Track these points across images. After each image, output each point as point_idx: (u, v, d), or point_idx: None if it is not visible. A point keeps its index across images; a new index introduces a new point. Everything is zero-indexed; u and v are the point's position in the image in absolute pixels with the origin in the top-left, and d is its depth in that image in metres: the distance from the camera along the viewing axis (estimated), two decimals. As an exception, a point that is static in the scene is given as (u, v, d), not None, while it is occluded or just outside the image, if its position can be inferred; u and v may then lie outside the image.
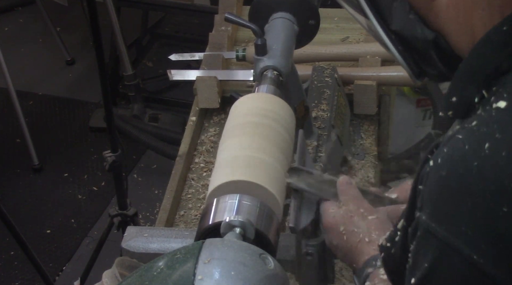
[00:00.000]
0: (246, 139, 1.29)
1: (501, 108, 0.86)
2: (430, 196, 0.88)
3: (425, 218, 0.88)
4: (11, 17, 4.68)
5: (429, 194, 0.88)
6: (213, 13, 2.39)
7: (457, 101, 0.94)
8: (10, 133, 3.85)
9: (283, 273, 1.04)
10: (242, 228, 1.10)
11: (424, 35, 0.99)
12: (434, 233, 0.86)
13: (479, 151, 0.84)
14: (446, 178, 0.86)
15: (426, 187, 0.89)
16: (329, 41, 2.22)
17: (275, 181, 1.25)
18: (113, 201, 3.24)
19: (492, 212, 0.82)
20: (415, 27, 1.00)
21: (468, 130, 0.87)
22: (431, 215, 0.87)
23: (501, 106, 0.86)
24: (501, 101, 0.87)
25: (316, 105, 1.87)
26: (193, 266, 0.97)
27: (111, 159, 2.60)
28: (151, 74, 4.08)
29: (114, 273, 1.37)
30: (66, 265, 3.25)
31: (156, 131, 3.62)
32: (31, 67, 4.28)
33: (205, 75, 2.06)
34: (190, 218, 1.85)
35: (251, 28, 1.51)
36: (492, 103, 0.88)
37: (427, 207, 0.88)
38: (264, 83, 1.46)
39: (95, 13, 2.30)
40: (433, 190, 0.87)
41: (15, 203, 3.50)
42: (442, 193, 0.86)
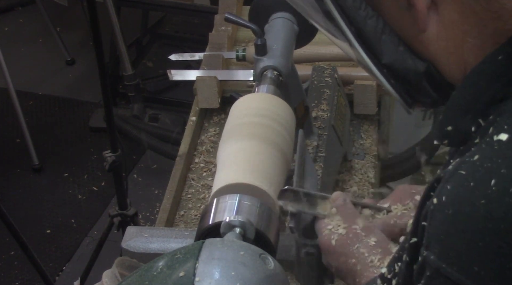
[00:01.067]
0: (246, 140, 1.29)
1: (503, 141, 0.84)
2: (437, 236, 0.86)
3: (433, 258, 0.86)
4: (11, 17, 4.68)
5: (436, 233, 0.86)
6: (213, 13, 2.39)
7: (453, 130, 0.92)
8: (10, 133, 3.85)
9: (283, 273, 1.04)
10: (242, 228, 1.10)
11: (416, 67, 0.98)
12: (445, 274, 0.84)
13: (485, 188, 0.82)
14: (453, 217, 0.84)
15: (432, 226, 0.87)
16: (329, 41, 2.21)
17: (274, 182, 1.25)
18: (113, 201, 3.24)
19: (503, 251, 0.81)
20: (406, 59, 0.99)
21: (471, 165, 0.85)
22: (440, 255, 0.85)
23: (502, 139, 0.84)
24: (502, 133, 0.85)
25: (316, 105, 1.87)
26: (193, 266, 0.97)
27: (111, 159, 2.60)
28: (151, 74, 4.08)
29: (114, 273, 1.37)
30: (66, 265, 3.25)
31: (156, 131, 3.62)
32: (31, 67, 4.28)
33: (205, 75, 2.06)
34: (190, 218, 1.85)
35: (251, 28, 1.51)
36: (492, 135, 0.86)
37: (435, 246, 0.86)
38: (264, 83, 1.46)
39: (95, 13, 2.30)
40: (440, 230, 0.85)
41: (15, 203, 3.50)
42: (451, 232, 0.84)
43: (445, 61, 0.96)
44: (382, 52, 1.00)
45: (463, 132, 0.91)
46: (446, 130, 0.93)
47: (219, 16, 2.31)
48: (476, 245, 0.82)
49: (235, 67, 2.18)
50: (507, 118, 0.86)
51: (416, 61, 0.98)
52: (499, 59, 0.89)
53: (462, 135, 0.92)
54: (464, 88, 0.92)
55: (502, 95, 0.88)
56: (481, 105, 0.90)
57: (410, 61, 0.98)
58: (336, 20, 1.00)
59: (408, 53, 0.99)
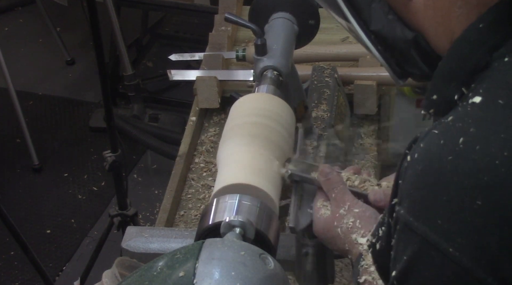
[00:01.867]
0: (246, 140, 1.29)
1: (476, 103, 0.88)
2: (407, 191, 0.89)
3: (403, 212, 0.89)
4: (11, 17, 4.68)
5: (406, 188, 0.89)
6: (213, 13, 2.39)
7: (438, 99, 0.95)
8: (10, 133, 3.85)
9: (283, 273, 1.04)
10: (242, 228, 1.10)
11: (404, 35, 1.00)
12: (412, 228, 0.87)
13: (454, 145, 0.85)
14: (422, 172, 0.87)
15: (404, 182, 0.90)
16: (329, 41, 2.22)
17: (274, 183, 1.25)
18: (113, 201, 3.24)
19: (467, 205, 0.83)
20: (394, 27, 1.01)
21: (444, 125, 0.88)
22: (409, 209, 0.88)
23: (476, 101, 0.88)
24: (477, 96, 0.88)
25: (316, 105, 1.87)
26: (193, 266, 0.97)
27: (111, 159, 2.60)
28: (151, 74, 4.08)
29: (114, 273, 1.37)
30: (66, 265, 3.25)
31: (156, 131, 3.62)
32: (31, 67, 4.28)
33: (205, 75, 2.06)
34: (190, 218, 1.85)
35: (251, 28, 1.51)
36: (468, 99, 0.89)
37: (405, 201, 0.89)
38: (264, 83, 1.46)
39: (95, 13, 2.30)
40: (410, 185, 0.89)
41: (15, 203, 3.50)
42: (419, 187, 0.87)
43: (433, 31, 0.98)
44: (371, 18, 1.02)
45: (447, 100, 0.94)
46: (432, 99, 0.96)
47: (219, 16, 2.31)
48: (441, 199, 0.85)
49: (235, 67, 2.18)
50: (484, 84, 0.90)
51: (404, 30, 1.01)
52: (480, 27, 0.92)
53: (446, 103, 0.94)
54: (449, 57, 0.95)
55: (485, 63, 0.91)
56: (465, 74, 0.93)
57: (398, 29, 1.01)
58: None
59: (397, 21, 1.01)
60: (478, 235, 0.83)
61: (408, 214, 0.88)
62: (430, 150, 0.87)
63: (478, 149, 0.84)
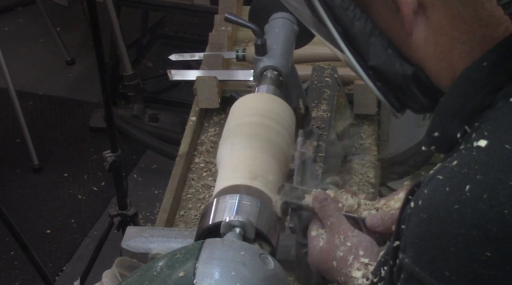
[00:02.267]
0: (246, 140, 1.29)
1: (482, 148, 0.84)
2: (412, 239, 0.86)
3: (408, 261, 0.86)
4: (11, 17, 4.68)
5: (411, 236, 0.86)
6: (213, 13, 2.39)
7: (440, 136, 0.93)
8: (10, 133, 3.85)
9: (283, 273, 1.04)
10: (242, 228, 1.10)
11: (404, 70, 0.98)
12: (418, 278, 0.85)
13: (460, 193, 0.82)
14: (427, 221, 0.84)
15: (408, 229, 0.87)
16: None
17: (274, 183, 1.25)
18: (113, 201, 3.24)
19: (475, 257, 0.80)
20: (393, 62, 0.98)
21: (449, 170, 0.85)
22: (414, 259, 0.86)
23: (481, 145, 0.84)
24: (482, 140, 0.85)
25: (316, 105, 1.87)
26: (193, 266, 0.97)
27: (111, 159, 2.60)
28: (151, 74, 4.08)
29: (114, 273, 1.37)
30: (66, 265, 3.25)
31: (156, 131, 3.62)
32: (31, 67, 4.28)
33: (205, 75, 2.06)
34: (190, 218, 1.85)
35: (251, 28, 1.51)
36: (472, 142, 0.86)
37: (409, 250, 0.87)
38: (264, 83, 1.46)
39: (95, 13, 2.30)
40: (415, 233, 0.86)
41: (15, 203, 3.50)
42: (424, 237, 0.84)
43: (434, 66, 0.96)
44: (369, 54, 0.99)
45: (449, 138, 0.92)
46: (433, 136, 0.94)
47: (219, 16, 2.31)
48: (448, 250, 0.82)
49: (235, 67, 2.18)
50: (488, 125, 0.87)
51: (404, 65, 0.98)
52: (484, 66, 0.89)
53: (448, 141, 0.92)
54: (451, 94, 0.92)
55: (488, 102, 0.89)
56: (468, 112, 0.90)
57: (398, 65, 0.98)
58: (322, 19, 1.00)
59: (396, 56, 0.98)
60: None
61: (414, 263, 0.85)
62: (435, 197, 0.84)
63: (486, 198, 0.80)
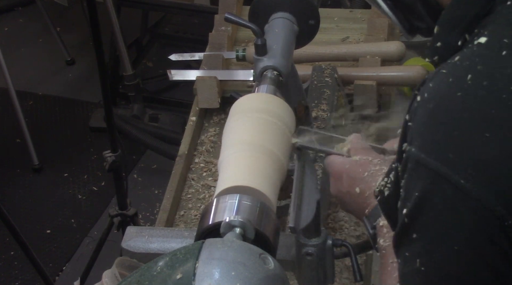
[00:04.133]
0: (246, 140, 1.29)
1: (482, 43, 0.92)
2: (419, 129, 0.92)
3: (414, 150, 0.92)
4: (11, 17, 4.68)
5: (418, 127, 0.93)
6: (213, 13, 2.39)
7: (442, 46, 0.99)
8: (10, 133, 3.85)
9: (283, 273, 1.04)
10: (242, 228, 1.10)
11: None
12: (424, 163, 0.91)
13: (462, 82, 0.89)
14: (433, 110, 0.91)
15: (415, 121, 0.94)
16: (329, 41, 2.22)
17: (274, 183, 1.25)
18: (113, 201, 3.24)
19: (476, 138, 0.87)
20: None
21: (452, 65, 0.93)
22: (420, 147, 0.92)
23: (481, 42, 0.92)
24: (482, 37, 0.92)
25: (316, 105, 1.87)
26: (193, 266, 0.97)
27: (111, 159, 2.60)
28: (151, 74, 4.08)
29: (114, 273, 1.37)
30: (66, 265, 3.25)
31: (156, 131, 3.62)
32: (31, 67, 4.28)
33: (205, 75, 2.06)
34: (190, 218, 1.85)
35: (251, 28, 1.51)
36: (473, 41, 0.93)
37: (416, 139, 0.92)
38: (264, 83, 1.46)
39: (95, 13, 2.30)
40: (422, 123, 0.92)
41: (15, 203, 3.50)
42: (431, 124, 0.91)
43: None
44: None
45: (451, 47, 0.98)
46: (436, 46, 1.01)
47: (219, 16, 2.31)
48: (451, 134, 0.89)
49: (235, 67, 2.18)
50: (489, 27, 0.94)
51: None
52: None
53: (450, 50, 0.98)
54: (452, 5, 0.99)
55: (487, 10, 0.95)
56: (468, 20, 0.97)
57: None
58: None
59: None
60: (488, 166, 0.87)
61: (420, 151, 0.91)
62: (440, 88, 0.92)
63: (486, 85, 0.88)
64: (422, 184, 0.91)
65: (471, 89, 0.89)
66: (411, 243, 0.95)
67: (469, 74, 0.89)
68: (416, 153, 0.92)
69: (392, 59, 2.12)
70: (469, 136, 0.88)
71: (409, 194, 0.94)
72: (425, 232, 0.93)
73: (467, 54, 0.93)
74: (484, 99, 0.88)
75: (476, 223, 0.88)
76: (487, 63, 0.90)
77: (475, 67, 0.90)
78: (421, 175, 0.91)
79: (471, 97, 0.88)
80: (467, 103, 0.88)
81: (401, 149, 0.98)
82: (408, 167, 0.94)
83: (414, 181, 0.93)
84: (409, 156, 0.93)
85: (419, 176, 0.92)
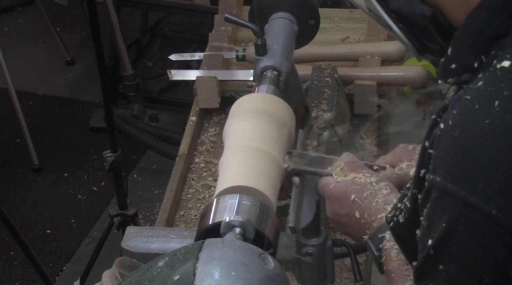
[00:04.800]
0: (245, 141, 1.29)
1: (506, 67, 0.89)
2: (444, 158, 0.89)
3: (439, 180, 0.89)
4: (11, 17, 4.68)
5: (442, 155, 0.90)
6: (213, 13, 2.39)
7: (457, 67, 0.96)
8: (10, 133, 3.85)
9: (283, 273, 1.04)
10: (242, 228, 1.10)
11: (422, 11, 1.02)
12: (451, 193, 0.88)
13: (489, 109, 0.86)
14: (459, 138, 0.88)
15: (439, 149, 0.91)
16: (329, 41, 2.22)
17: (274, 184, 1.25)
18: (113, 201, 3.24)
19: (507, 167, 0.84)
20: (413, 4, 1.03)
21: (475, 90, 0.89)
22: (446, 176, 0.89)
23: (505, 66, 0.89)
24: (505, 61, 0.89)
25: (316, 105, 1.87)
26: (193, 266, 0.97)
27: (111, 159, 2.60)
28: (151, 74, 4.08)
29: (114, 273, 1.37)
30: (66, 265, 3.25)
31: (156, 131, 3.62)
32: (31, 67, 4.28)
33: (205, 75, 2.06)
34: (190, 218, 1.85)
35: (251, 28, 1.51)
36: (495, 65, 0.90)
37: (441, 168, 0.90)
38: (264, 83, 1.46)
39: (95, 13, 2.30)
40: (446, 151, 0.89)
41: (15, 203, 3.50)
42: (457, 153, 0.88)
43: (449, 4, 1.00)
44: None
45: (466, 68, 0.95)
46: (450, 68, 0.97)
47: (219, 16, 2.31)
48: (480, 162, 0.86)
49: (235, 67, 2.18)
50: (509, 49, 0.91)
51: (422, 6, 1.02)
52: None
53: (466, 72, 0.96)
54: (467, 25, 0.96)
55: (504, 30, 0.93)
56: (484, 41, 0.94)
57: (417, 6, 1.03)
58: None
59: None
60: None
61: (446, 180, 0.88)
62: (465, 115, 0.88)
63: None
64: (449, 214, 0.89)
65: (498, 115, 0.86)
66: (437, 275, 0.92)
67: (496, 100, 0.87)
68: (441, 182, 0.89)
69: (392, 59, 2.12)
70: (499, 163, 0.85)
71: (434, 224, 0.91)
72: (453, 263, 0.90)
73: (491, 78, 0.90)
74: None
75: (509, 254, 0.86)
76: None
77: (501, 92, 0.87)
78: (447, 205, 0.89)
79: (500, 124, 0.86)
80: (496, 130, 0.86)
81: (418, 175, 0.96)
82: (433, 196, 0.91)
83: (439, 211, 0.90)
84: (433, 185, 0.91)
85: (445, 206, 0.89)
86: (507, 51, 0.91)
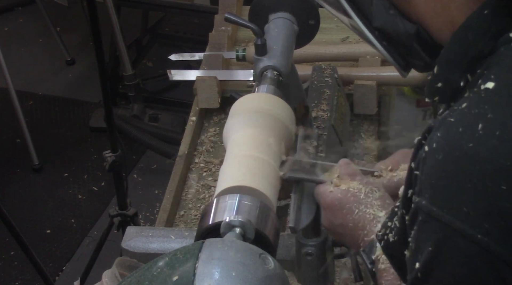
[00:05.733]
0: (245, 141, 1.29)
1: (490, 89, 0.88)
2: (428, 181, 0.89)
3: (425, 203, 0.89)
4: (11, 17, 4.68)
5: (427, 178, 0.89)
6: (213, 13, 2.39)
7: (443, 86, 0.96)
8: (10, 133, 3.85)
9: (283, 273, 1.04)
10: (242, 228, 1.10)
11: (406, 29, 1.02)
12: (436, 217, 0.87)
13: (473, 132, 0.86)
14: (443, 161, 0.87)
15: (424, 172, 0.90)
16: (329, 41, 2.22)
17: (273, 184, 1.25)
18: (113, 201, 3.24)
19: (491, 191, 0.84)
20: (396, 22, 1.02)
21: (459, 112, 0.89)
22: (431, 199, 0.88)
23: (489, 87, 0.88)
24: (489, 82, 0.89)
25: (316, 105, 1.87)
26: (193, 266, 0.97)
27: (111, 159, 2.60)
28: (151, 74, 4.08)
29: (114, 273, 1.37)
30: (66, 265, 3.25)
31: (156, 131, 3.62)
32: (31, 67, 4.28)
33: (205, 75, 2.06)
34: (190, 218, 1.85)
35: (251, 28, 1.51)
36: (480, 85, 0.89)
37: (426, 191, 0.89)
38: (264, 83, 1.46)
39: (95, 13, 2.30)
40: (431, 175, 0.89)
41: (15, 203, 3.50)
42: (441, 176, 0.87)
43: (433, 22, 0.99)
44: (373, 15, 1.04)
45: (452, 87, 0.95)
46: (436, 87, 0.97)
47: (219, 16, 2.31)
48: (464, 187, 0.85)
49: (235, 67, 2.18)
50: (494, 69, 0.90)
51: (406, 24, 1.02)
52: (485, 14, 0.92)
53: (451, 90, 0.95)
54: (452, 44, 0.95)
55: (489, 50, 0.92)
56: (469, 60, 0.93)
57: (400, 24, 1.02)
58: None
59: (398, 16, 1.02)
60: (504, 219, 0.84)
61: (431, 204, 0.88)
62: (449, 138, 0.88)
63: (498, 134, 0.84)
64: (434, 238, 0.88)
65: (483, 139, 0.85)
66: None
67: (479, 123, 0.85)
68: (427, 205, 0.88)
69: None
70: (483, 188, 0.84)
71: (421, 247, 0.91)
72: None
73: (475, 100, 0.88)
74: (497, 149, 0.84)
75: (495, 278, 0.86)
76: (498, 111, 0.86)
77: (485, 115, 0.86)
78: (433, 229, 0.88)
79: (484, 148, 0.84)
80: (480, 154, 0.84)
81: (406, 195, 0.95)
82: (419, 219, 0.90)
83: (425, 234, 0.90)
84: (418, 208, 0.90)
85: (431, 230, 0.88)
86: (492, 71, 0.90)
